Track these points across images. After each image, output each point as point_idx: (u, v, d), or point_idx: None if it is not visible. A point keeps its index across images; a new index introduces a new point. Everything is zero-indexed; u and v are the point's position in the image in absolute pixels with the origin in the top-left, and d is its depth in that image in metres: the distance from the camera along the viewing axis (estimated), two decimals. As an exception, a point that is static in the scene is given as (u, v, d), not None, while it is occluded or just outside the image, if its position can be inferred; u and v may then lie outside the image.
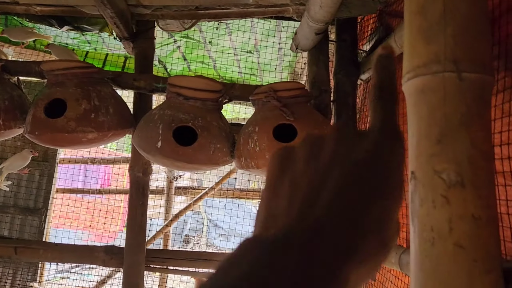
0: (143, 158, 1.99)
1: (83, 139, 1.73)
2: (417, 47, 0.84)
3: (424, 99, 0.81)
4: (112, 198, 5.64)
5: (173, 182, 4.79)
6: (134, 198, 2.06)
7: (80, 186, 5.24)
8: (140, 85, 1.98)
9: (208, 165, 1.78)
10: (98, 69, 1.86)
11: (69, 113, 1.70)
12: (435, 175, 0.78)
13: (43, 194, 4.10)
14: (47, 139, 1.74)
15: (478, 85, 0.79)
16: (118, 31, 2.08)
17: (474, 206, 0.75)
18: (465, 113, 0.78)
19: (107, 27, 2.51)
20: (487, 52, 0.82)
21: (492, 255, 0.74)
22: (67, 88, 1.76)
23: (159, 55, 3.53)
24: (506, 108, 0.90)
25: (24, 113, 1.88)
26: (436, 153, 0.79)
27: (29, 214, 4.01)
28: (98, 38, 3.25)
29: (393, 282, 1.66)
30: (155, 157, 1.75)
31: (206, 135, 1.72)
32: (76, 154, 4.79)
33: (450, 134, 0.77)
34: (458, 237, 0.74)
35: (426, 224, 0.78)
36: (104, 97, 1.80)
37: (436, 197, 0.77)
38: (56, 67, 1.81)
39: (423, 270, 0.78)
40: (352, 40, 2.03)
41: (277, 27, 3.02)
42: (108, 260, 2.04)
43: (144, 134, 1.75)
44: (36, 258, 2.08)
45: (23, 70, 1.98)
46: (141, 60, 2.18)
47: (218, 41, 3.34)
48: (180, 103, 1.76)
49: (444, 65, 0.80)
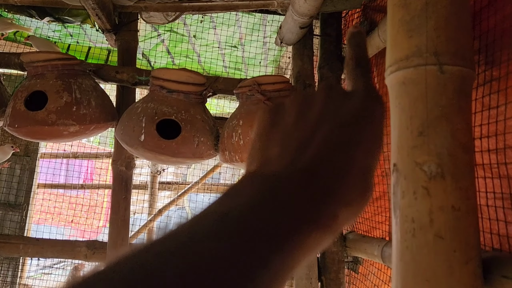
0: (126, 152, 1.97)
1: (64, 132, 1.70)
2: (399, 40, 0.85)
3: (406, 92, 0.82)
4: (95, 193, 5.58)
5: (157, 176, 4.76)
6: (117, 192, 2.04)
7: (62, 181, 5.16)
8: (122, 77, 1.96)
9: (192, 158, 1.77)
10: (79, 61, 1.83)
11: (50, 105, 1.67)
12: (417, 167, 0.79)
13: (24, 189, 4.03)
14: (27, 132, 1.71)
15: (459, 78, 0.80)
16: (100, 23, 2.04)
17: (454, 197, 0.76)
18: (446, 105, 0.79)
19: (89, 19, 2.46)
20: (468, 46, 0.83)
21: (471, 246, 0.75)
22: (47, 80, 1.73)
23: (143, 48, 3.49)
24: (487, 101, 0.92)
25: (3, 106, 1.84)
26: (417, 145, 0.79)
27: (9, 209, 3.94)
28: (80, 31, 3.19)
29: (375, 274, 1.68)
30: (138, 151, 1.73)
31: (190, 129, 1.71)
32: (58, 148, 4.71)
33: (431, 127, 0.78)
34: (438, 228, 0.75)
35: (408, 215, 0.79)
36: (85, 89, 1.77)
37: (417, 189, 0.78)
38: (36, 59, 1.77)
39: (404, 261, 0.79)
40: (336, 34, 2.04)
41: (262, 21, 3.01)
42: (91, 255, 2.02)
43: (127, 127, 1.73)
44: (16, 253, 2.04)
45: (2, 61, 1.94)
46: (124, 52, 2.15)
47: (203, 35, 3.32)
48: (163, 96, 1.74)
49: (426, 58, 0.80)
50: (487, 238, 0.90)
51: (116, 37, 2.16)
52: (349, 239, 1.86)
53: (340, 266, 1.88)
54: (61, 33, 3.29)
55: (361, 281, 1.85)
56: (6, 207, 3.95)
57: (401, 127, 0.83)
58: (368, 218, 1.73)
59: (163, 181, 5.15)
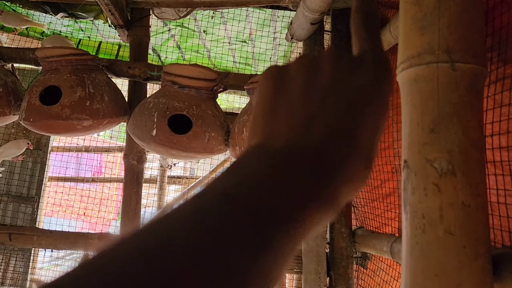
0: (138, 146, 1.99)
1: (78, 127, 1.73)
2: (411, 38, 0.85)
3: (418, 89, 0.83)
4: (105, 187, 5.63)
5: (166, 171, 4.79)
6: (128, 186, 2.06)
7: (73, 174, 5.22)
8: (134, 73, 1.98)
9: (203, 153, 1.79)
10: (92, 57, 1.86)
11: (64, 100, 1.70)
12: (427, 164, 0.79)
13: (36, 181, 4.09)
14: (42, 126, 1.74)
15: (471, 75, 0.80)
16: (113, 18, 2.07)
17: (464, 194, 0.76)
18: (457, 103, 0.79)
19: (101, 15, 2.49)
20: (480, 43, 0.83)
21: (481, 242, 0.76)
22: (61, 75, 1.76)
23: (153, 44, 3.51)
24: (499, 98, 0.92)
25: (19, 100, 1.87)
26: (428, 142, 0.80)
27: (22, 202, 4.00)
28: (91, 26, 3.22)
29: (385, 270, 1.68)
30: (150, 145, 1.75)
31: (201, 124, 1.72)
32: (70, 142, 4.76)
33: (442, 124, 0.79)
34: (448, 224, 0.76)
35: (418, 211, 0.80)
36: (98, 84, 1.80)
37: (428, 185, 0.79)
38: (51, 54, 1.80)
39: (413, 256, 0.80)
40: (347, 30, 2.03)
41: (272, 16, 3.01)
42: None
43: (139, 122, 1.75)
44: (30, 245, 2.08)
45: (17, 56, 1.97)
46: (136, 48, 2.17)
47: (213, 31, 3.33)
48: (175, 91, 1.76)
49: (438, 55, 0.81)
50: (497, 235, 0.91)
51: (128, 33, 2.18)
52: (358, 234, 1.87)
53: (349, 262, 1.89)
54: (73, 28, 3.32)
55: (370, 277, 1.86)
56: (18, 199, 4.01)
57: (412, 123, 0.83)
58: (379, 215, 1.74)
59: (172, 175, 5.17)
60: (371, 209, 1.82)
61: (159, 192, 4.77)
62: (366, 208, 1.87)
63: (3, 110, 1.83)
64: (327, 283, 1.88)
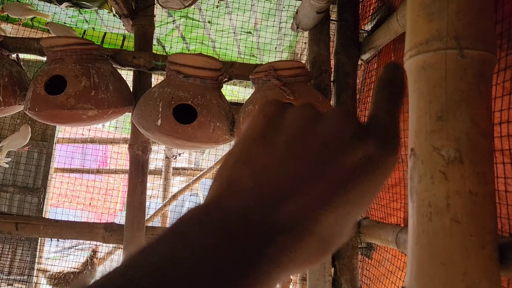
0: (143, 136, 1.99)
1: (83, 116, 1.73)
2: (419, 24, 0.84)
3: (425, 76, 0.82)
4: (111, 178, 5.66)
5: (171, 162, 4.80)
6: (133, 176, 2.07)
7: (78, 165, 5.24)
8: (139, 63, 1.97)
9: (208, 143, 1.79)
10: (97, 46, 1.85)
11: (69, 90, 1.70)
12: (434, 152, 0.79)
13: (42, 172, 4.12)
14: (47, 116, 1.74)
15: (479, 62, 0.79)
16: (117, 8, 2.06)
17: (472, 182, 0.76)
18: (465, 90, 0.78)
19: (106, 4, 2.48)
20: (490, 29, 0.82)
21: (488, 230, 0.75)
22: (66, 64, 1.75)
23: (158, 34, 3.50)
24: (508, 86, 0.91)
25: (24, 90, 1.87)
26: (435, 130, 0.79)
27: (28, 193, 4.03)
28: (96, 17, 3.21)
29: (390, 260, 1.68)
30: (155, 135, 1.75)
31: (206, 114, 1.72)
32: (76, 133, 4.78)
33: (450, 111, 0.78)
34: (455, 213, 0.75)
35: (424, 199, 0.79)
36: (103, 74, 1.79)
37: (435, 173, 0.78)
38: (55, 44, 1.79)
39: (419, 245, 0.79)
40: (353, 19, 2.01)
41: (277, 6, 2.99)
42: (108, 236, 2.06)
43: (144, 112, 1.75)
44: (37, 234, 2.09)
45: (22, 46, 1.96)
46: (141, 38, 2.16)
47: (218, 21, 3.31)
48: (180, 81, 1.76)
49: (446, 42, 0.80)
50: (505, 224, 0.90)
51: (133, 22, 2.17)
52: (363, 225, 1.86)
53: (354, 252, 1.89)
54: (77, 19, 3.31)
55: (375, 267, 1.86)
56: (25, 190, 4.04)
57: (419, 111, 0.82)
58: (384, 205, 1.73)
59: (177, 166, 5.18)
60: (376, 199, 1.81)
61: (164, 183, 4.79)
62: (371, 199, 1.87)
63: (9, 100, 1.83)
64: (332, 273, 1.88)
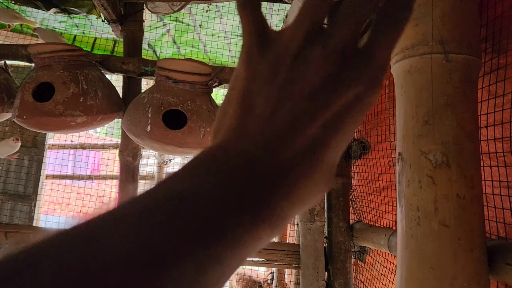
0: (133, 142, 1.98)
1: (72, 123, 1.71)
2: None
3: (412, 80, 0.82)
4: (103, 184, 5.62)
5: (163, 167, 4.78)
6: (124, 183, 2.05)
7: (70, 172, 5.20)
8: (128, 68, 1.96)
9: (198, 149, 1.78)
10: (85, 52, 1.84)
11: (57, 96, 1.68)
12: (422, 156, 0.79)
13: (33, 179, 4.08)
14: (36, 123, 1.72)
15: (465, 66, 0.79)
16: (105, 13, 2.05)
17: (459, 185, 0.76)
18: (451, 94, 0.79)
19: (94, 10, 2.47)
20: (474, 34, 0.82)
21: (476, 234, 0.76)
22: (54, 71, 1.74)
23: (149, 39, 3.49)
24: (493, 89, 0.91)
25: (12, 97, 1.85)
26: (422, 134, 0.79)
27: (19, 200, 3.99)
28: (86, 21, 3.20)
29: (382, 264, 1.68)
30: (145, 141, 1.74)
31: (196, 119, 1.71)
32: (66, 139, 4.75)
33: (436, 115, 0.78)
34: (443, 217, 0.75)
35: (413, 204, 0.79)
36: (92, 80, 1.78)
37: (422, 178, 0.78)
38: (43, 50, 1.78)
39: (409, 249, 0.79)
40: (342, 23, 2.02)
41: (268, 10, 2.99)
42: (99, 244, 2.04)
43: (133, 118, 1.74)
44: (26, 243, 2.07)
45: (9, 53, 1.95)
46: (130, 43, 2.15)
47: (209, 25, 3.31)
48: (169, 86, 1.75)
49: (432, 46, 0.80)
50: (493, 226, 0.90)
51: (122, 28, 2.16)
52: (356, 228, 1.87)
53: (347, 256, 1.89)
54: (67, 24, 3.29)
55: (368, 271, 1.86)
56: (15, 198, 4.00)
57: (406, 116, 0.83)
58: (375, 208, 1.74)
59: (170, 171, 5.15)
60: (367, 202, 1.82)
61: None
62: (363, 202, 1.87)
63: (-4, 107, 1.81)
64: (325, 277, 1.88)
